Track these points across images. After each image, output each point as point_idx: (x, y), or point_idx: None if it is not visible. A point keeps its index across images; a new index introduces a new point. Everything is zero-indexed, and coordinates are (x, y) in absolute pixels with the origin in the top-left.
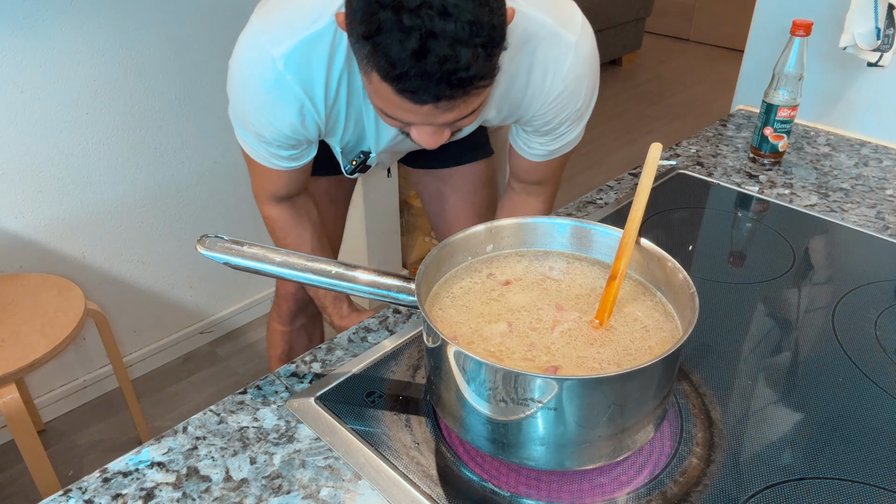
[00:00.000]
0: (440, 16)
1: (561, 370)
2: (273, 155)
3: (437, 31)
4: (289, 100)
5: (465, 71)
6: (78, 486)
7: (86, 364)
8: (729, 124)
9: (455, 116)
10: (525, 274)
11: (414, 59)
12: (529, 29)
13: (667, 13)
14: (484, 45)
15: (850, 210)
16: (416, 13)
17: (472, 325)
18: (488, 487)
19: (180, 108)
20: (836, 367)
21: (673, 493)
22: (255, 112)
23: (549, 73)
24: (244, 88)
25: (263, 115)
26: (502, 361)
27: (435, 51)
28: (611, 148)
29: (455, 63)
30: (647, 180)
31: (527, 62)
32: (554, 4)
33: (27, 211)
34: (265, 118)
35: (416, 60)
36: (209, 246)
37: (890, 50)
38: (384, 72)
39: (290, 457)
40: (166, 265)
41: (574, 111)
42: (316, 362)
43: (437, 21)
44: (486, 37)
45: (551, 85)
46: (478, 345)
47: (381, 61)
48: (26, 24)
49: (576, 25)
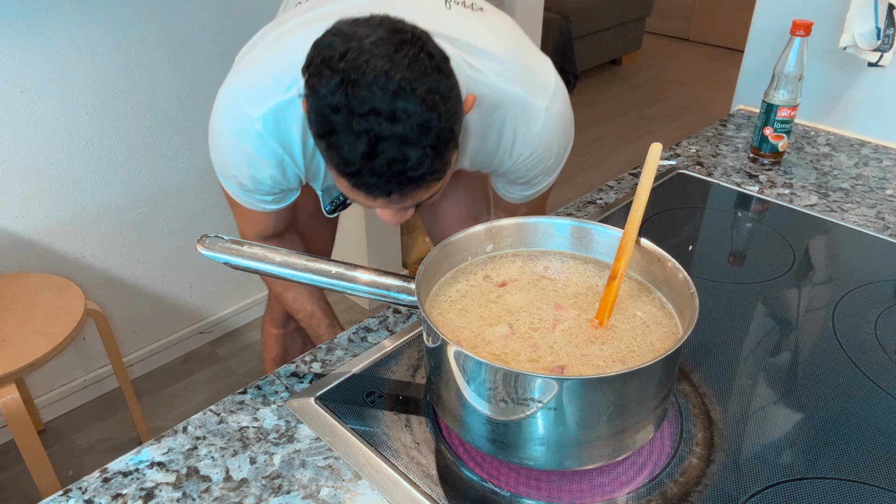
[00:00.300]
0: (388, 120)
1: (567, 369)
2: (257, 200)
3: (385, 135)
4: (268, 155)
5: (414, 170)
6: (78, 486)
7: (86, 364)
8: (729, 124)
9: (412, 202)
10: (520, 275)
11: (365, 160)
12: (499, 99)
13: (667, 13)
14: (433, 145)
15: (850, 210)
16: (364, 118)
17: (473, 329)
18: (488, 487)
19: (180, 108)
20: (836, 367)
21: (673, 493)
22: (235, 165)
23: (518, 136)
24: (224, 144)
25: (244, 168)
26: (509, 364)
27: (384, 153)
28: (611, 148)
29: (403, 164)
30: (647, 180)
31: (497, 126)
32: (526, 76)
33: (27, 211)
34: (246, 171)
35: (366, 160)
36: (209, 246)
37: (890, 50)
38: (338, 168)
39: (290, 457)
40: (166, 265)
41: (546, 167)
42: (316, 362)
43: (384, 125)
44: (435, 138)
45: (521, 147)
46: (482, 349)
47: (335, 158)
48: (26, 24)
49: (547, 91)
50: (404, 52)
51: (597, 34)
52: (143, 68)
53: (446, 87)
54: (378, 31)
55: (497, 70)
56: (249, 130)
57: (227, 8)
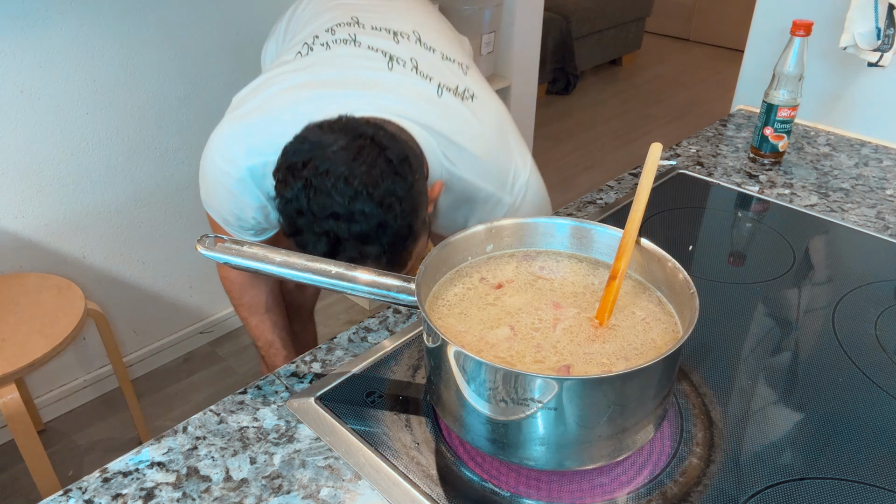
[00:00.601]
0: (347, 222)
1: (573, 369)
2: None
3: (345, 235)
4: (252, 200)
5: (373, 264)
6: (78, 486)
7: (86, 364)
8: (729, 124)
9: None
10: (516, 275)
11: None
12: (467, 191)
13: (667, 13)
14: (391, 242)
15: (851, 210)
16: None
17: (475, 333)
18: (488, 487)
19: (180, 108)
20: (836, 367)
21: (673, 493)
22: (221, 204)
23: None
24: (213, 184)
25: (230, 208)
26: (515, 366)
27: (345, 251)
28: (611, 148)
29: (363, 261)
30: (648, 180)
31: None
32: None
33: (27, 211)
34: (231, 211)
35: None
36: (209, 246)
37: (890, 50)
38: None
39: (290, 457)
40: (166, 265)
41: None
42: (316, 362)
43: (343, 227)
44: (392, 236)
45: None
46: (486, 352)
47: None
48: (26, 24)
49: (516, 187)
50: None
51: (597, 34)
52: (143, 68)
53: (402, 189)
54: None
55: (471, 167)
56: (237, 176)
57: (227, 8)
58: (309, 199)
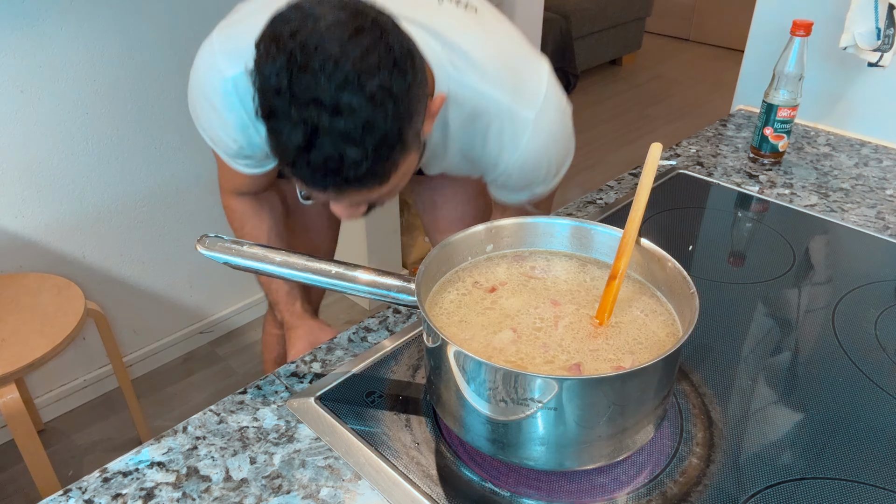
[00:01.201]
0: (330, 113)
1: (583, 366)
2: (230, 159)
3: (325, 128)
4: (234, 118)
5: (351, 171)
6: (78, 486)
7: (86, 364)
8: (729, 124)
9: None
10: (508, 277)
11: (300, 152)
12: (480, 106)
13: (667, 13)
14: (376, 147)
15: (850, 210)
16: (305, 107)
17: (480, 340)
18: (488, 487)
19: (180, 108)
20: (836, 367)
21: (673, 493)
22: (205, 118)
23: (504, 148)
24: (197, 96)
25: (212, 124)
26: (527, 369)
27: (321, 148)
28: (611, 148)
29: (339, 163)
30: (648, 180)
31: (480, 134)
32: (513, 82)
33: (27, 211)
34: (213, 127)
35: (302, 153)
36: (209, 246)
37: (890, 50)
38: (275, 154)
39: (289, 457)
40: (166, 265)
41: (542, 176)
42: (316, 362)
43: (325, 118)
44: (379, 139)
45: (508, 159)
46: (497, 358)
47: (272, 143)
48: (26, 24)
49: (536, 101)
50: (360, 39)
51: (597, 34)
52: (143, 68)
53: (400, 86)
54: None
55: (481, 74)
56: (221, 89)
57: (227, 8)
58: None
